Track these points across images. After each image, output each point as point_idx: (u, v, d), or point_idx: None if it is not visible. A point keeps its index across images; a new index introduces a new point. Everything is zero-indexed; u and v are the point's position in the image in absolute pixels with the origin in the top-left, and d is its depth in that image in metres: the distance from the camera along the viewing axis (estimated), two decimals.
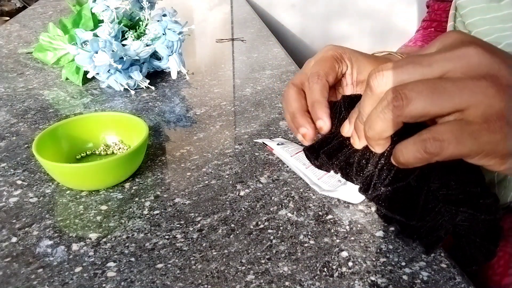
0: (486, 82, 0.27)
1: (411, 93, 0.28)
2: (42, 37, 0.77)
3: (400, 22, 1.67)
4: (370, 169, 0.36)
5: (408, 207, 0.35)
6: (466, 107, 0.27)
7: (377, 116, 0.30)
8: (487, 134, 0.27)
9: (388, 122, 0.29)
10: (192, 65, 0.84)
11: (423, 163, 0.29)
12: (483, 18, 0.50)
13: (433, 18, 0.72)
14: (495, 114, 0.27)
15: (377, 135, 0.31)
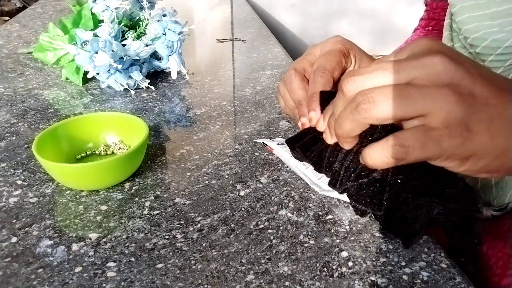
0: (448, 90, 0.29)
1: (378, 97, 0.30)
2: (42, 37, 0.77)
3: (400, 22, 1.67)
4: (337, 166, 0.38)
5: (374, 199, 0.36)
6: (429, 113, 0.29)
7: (346, 116, 0.32)
8: (448, 139, 0.29)
9: (355, 122, 0.32)
10: (192, 65, 0.84)
11: (390, 166, 0.32)
12: (472, 15, 0.50)
13: (431, 16, 0.72)
14: (455, 120, 0.29)
15: (345, 134, 0.33)
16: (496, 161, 0.30)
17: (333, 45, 0.45)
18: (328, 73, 0.42)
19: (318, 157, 0.41)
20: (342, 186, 0.38)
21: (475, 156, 0.30)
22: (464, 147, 0.29)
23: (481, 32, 0.49)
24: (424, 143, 0.29)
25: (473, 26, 0.50)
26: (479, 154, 0.30)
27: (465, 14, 0.51)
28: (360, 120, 0.31)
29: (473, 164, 0.30)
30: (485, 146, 0.29)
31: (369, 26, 1.68)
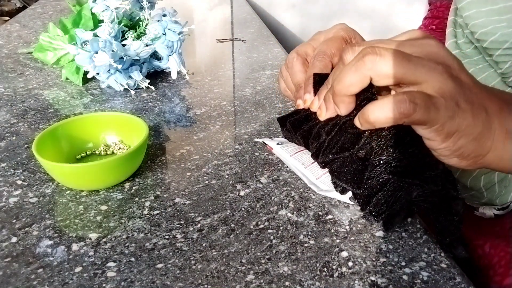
0: (442, 67, 0.31)
1: (385, 52, 0.31)
2: (42, 37, 0.77)
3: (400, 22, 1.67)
4: (323, 137, 0.39)
5: (355, 177, 0.37)
6: (424, 81, 0.31)
7: (349, 68, 0.33)
8: (444, 108, 0.31)
9: (357, 73, 0.32)
10: (192, 65, 0.84)
11: (389, 124, 0.32)
12: (480, 10, 0.50)
13: (435, 15, 0.72)
14: (449, 93, 0.31)
15: (344, 88, 0.33)
16: (472, 144, 0.32)
17: (336, 32, 0.46)
18: (327, 57, 0.43)
19: (307, 133, 0.42)
20: (325, 157, 0.39)
21: (458, 133, 0.32)
22: (453, 120, 0.31)
23: (489, 27, 0.49)
24: (428, 106, 0.30)
25: (481, 21, 0.50)
26: (461, 131, 0.32)
27: (473, 9, 0.51)
28: (363, 71, 0.32)
29: (453, 142, 0.32)
30: (468, 124, 0.32)
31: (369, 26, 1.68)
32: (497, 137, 0.33)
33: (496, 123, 0.33)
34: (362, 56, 0.32)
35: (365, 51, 0.32)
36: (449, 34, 0.58)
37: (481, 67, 0.53)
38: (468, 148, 0.33)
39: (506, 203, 0.55)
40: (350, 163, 0.37)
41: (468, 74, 0.33)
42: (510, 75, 0.50)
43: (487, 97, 0.33)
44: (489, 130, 0.33)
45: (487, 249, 0.52)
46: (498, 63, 0.50)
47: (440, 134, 0.32)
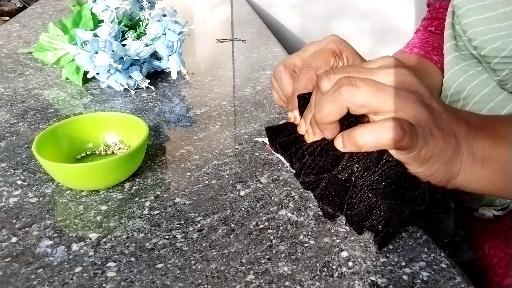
0: (415, 96, 0.33)
1: (360, 83, 0.32)
2: (42, 37, 0.77)
3: (400, 22, 1.67)
4: (306, 157, 0.40)
5: (335, 198, 0.38)
6: (399, 110, 0.32)
7: (327, 99, 0.34)
8: (421, 135, 0.32)
9: (335, 104, 0.33)
10: (192, 65, 0.84)
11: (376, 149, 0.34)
12: (479, 18, 0.50)
13: (434, 16, 0.72)
14: (423, 121, 0.33)
15: (324, 118, 0.35)
16: (443, 168, 0.34)
17: (326, 44, 0.46)
18: (311, 70, 0.44)
19: (293, 154, 0.43)
20: (307, 177, 0.40)
21: (432, 158, 0.34)
22: (428, 146, 0.33)
23: (490, 36, 0.49)
24: (412, 132, 0.32)
25: (481, 29, 0.50)
26: (434, 157, 0.33)
27: (472, 16, 0.51)
28: (340, 102, 0.33)
29: (428, 167, 0.34)
30: (440, 150, 0.33)
31: (369, 26, 1.67)
32: (465, 161, 0.35)
33: (464, 147, 0.35)
34: (339, 87, 0.33)
35: (341, 81, 0.33)
36: (448, 36, 0.57)
37: (480, 70, 0.53)
38: (441, 172, 0.34)
39: (505, 204, 0.55)
40: (331, 185, 0.38)
41: (439, 101, 0.35)
42: (508, 82, 0.50)
43: (455, 122, 0.35)
44: (458, 154, 0.35)
45: (486, 249, 0.52)
46: (496, 70, 0.50)
47: (417, 160, 0.33)
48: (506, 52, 0.48)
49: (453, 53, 0.56)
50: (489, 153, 0.35)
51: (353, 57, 0.46)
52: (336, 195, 0.38)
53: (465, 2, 0.52)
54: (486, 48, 0.50)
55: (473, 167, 0.35)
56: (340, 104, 0.33)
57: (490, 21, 0.49)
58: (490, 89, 0.52)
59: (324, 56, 0.44)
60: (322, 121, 0.35)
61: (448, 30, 0.58)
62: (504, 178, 0.35)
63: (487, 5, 0.49)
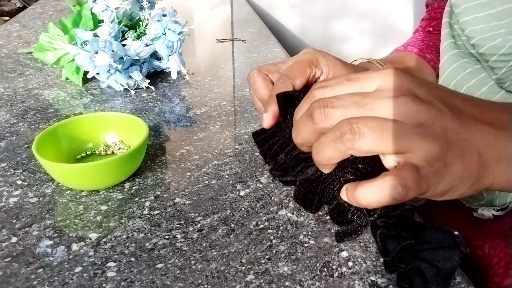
0: (424, 129, 0.30)
1: (364, 129, 0.30)
2: (42, 37, 0.77)
3: (400, 22, 1.67)
4: (281, 157, 0.40)
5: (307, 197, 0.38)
6: (409, 151, 0.30)
7: (328, 144, 0.31)
8: (433, 176, 0.30)
9: (337, 152, 0.31)
10: (192, 65, 0.84)
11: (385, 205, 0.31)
12: (477, 16, 0.50)
13: (432, 16, 0.72)
14: (434, 157, 0.30)
15: (324, 161, 0.33)
16: (471, 189, 0.32)
17: (301, 56, 0.46)
18: (288, 80, 0.43)
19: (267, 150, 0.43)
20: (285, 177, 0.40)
21: (453, 189, 0.31)
22: (445, 182, 0.30)
23: (489, 34, 0.49)
24: (418, 182, 0.29)
25: (479, 28, 0.50)
26: (456, 186, 0.31)
27: (470, 15, 0.51)
28: (342, 150, 0.31)
29: (450, 195, 0.32)
30: (460, 178, 0.31)
31: (369, 26, 1.67)
32: (497, 172, 0.32)
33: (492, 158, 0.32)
34: (341, 136, 0.30)
35: (343, 128, 0.30)
36: (446, 35, 0.57)
37: (479, 68, 0.53)
38: (468, 193, 0.32)
39: (505, 204, 0.55)
40: (302, 184, 0.39)
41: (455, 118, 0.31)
42: (506, 80, 0.50)
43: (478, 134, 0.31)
44: (486, 170, 0.32)
45: (486, 250, 0.52)
46: (494, 68, 0.50)
47: (435, 196, 0.31)
48: (504, 50, 0.48)
49: (451, 51, 0.56)
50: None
51: (333, 62, 0.45)
52: (307, 193, 0.38)
53: (463, 1, 0.52)
54: (484, 46, 0.50)
55: (509, 174, 0.32)
56: (342, 152, 0.31)
57: (489, 19, 0.49)
58: (488, 88, 0.52)
59: (300, 67, 0.44)
60: (323, 163, 0.34)
61: (445, 29, 0.58)
62: None
63: (485, 3, 0.49)
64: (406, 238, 0.33)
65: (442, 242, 0.32)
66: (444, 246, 0.32)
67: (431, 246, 0.32)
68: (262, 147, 0.44)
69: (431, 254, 0.32)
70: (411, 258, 0.32)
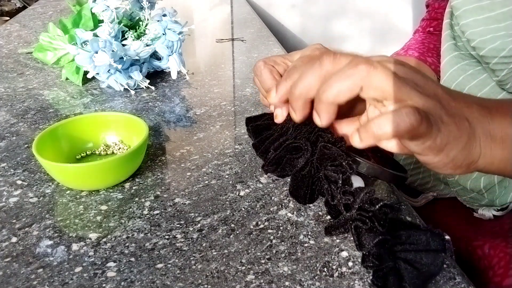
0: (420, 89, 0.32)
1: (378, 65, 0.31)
2: (42, 37, 0.77)
3: (400, 22, 1.67)
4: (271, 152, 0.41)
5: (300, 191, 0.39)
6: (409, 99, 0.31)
7: (340, 75, 0.32)
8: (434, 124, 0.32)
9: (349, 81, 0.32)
10: (192, 65, 0.84)
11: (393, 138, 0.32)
12: (477, 19, 0.50)
13: (433, 16, 0.72)
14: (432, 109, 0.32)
15: (331, 96, 0.33)
16: (462, 154, 0.33)
17: (312, 50, 0.46)
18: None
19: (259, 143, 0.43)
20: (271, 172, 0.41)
21: (448, 146, 0.32)
22: (442, 135, 0.32)
23: (488, 36, 0.49)
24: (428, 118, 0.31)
25: (479, 30, 0.50)
26: (450, 144, 0.32)
27: (470, 17, 0.51)
28: (355, 79, 0.31)
29: (446, 154, 0.33)
30: (455, 136, 0.32)
31: (369, 26, 1.68)
32: (484, 144, 0.34)
33: (479, 130, 0.34)
34: (356, 65, 0.31)
35: (358, 60, 0.32)
36: (446, 36, 0.57)
37: (480, 69, 0.53)
38: (460, 158, 0.33)
39: (505, 204, 0.55)
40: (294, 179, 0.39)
41: (445, 89, 0.34)
42: (507, 82, 0.50)
43: (466, 107, 0.34)
44: (474, 138, 0.34)
45: (486, 250, 0.52)
46: (495, 71, 0.50)
47: (433, 149, 0.32)
48: (505, 52, 0.48)
49: (452, 53, 0.56)
50: (508, 132, 0.34)
51: None
52: (300, 188, 0.39)
53: (463, 3, 0.52)
54: (485, 48, 0.50)
55: (493, 149, 0.34)
56: (354, 82, 0.32)
57: (488, 21, 0.49)
58: (489, 89, 0.53)
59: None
60: (329, 99, 0.33)
61: (446, 30, 0.58)
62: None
63: (484, 6, 0.49)
64: (381, 233, 0.33)
65: (429, 245, 0.33)
66: (429, 249, 0.33)
67: (415, 247, 0.33)
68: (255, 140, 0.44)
69: (414, 256, 0.32)
70: (390, 257, 0.32)
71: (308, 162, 0.39)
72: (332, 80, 0.32)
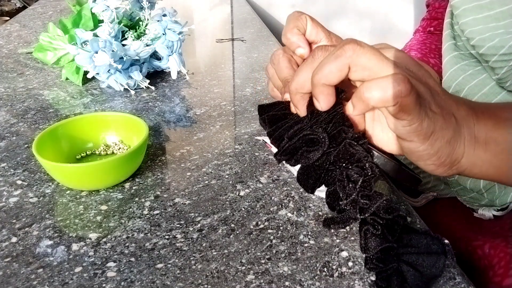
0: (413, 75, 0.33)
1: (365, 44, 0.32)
2: (42, 37, 0.77)
3: (400, 22, 1.67)
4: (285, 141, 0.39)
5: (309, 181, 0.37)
6: None
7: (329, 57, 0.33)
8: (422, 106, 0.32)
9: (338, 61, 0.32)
10: (192, 65, 0.84)
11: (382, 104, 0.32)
12: (476, 17, 0.50)
13: (433, 16, 0.72)
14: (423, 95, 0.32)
15: (323, 77, 0.33)
16: (446, 148, 0.33)
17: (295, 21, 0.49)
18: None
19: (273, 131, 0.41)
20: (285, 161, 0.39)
21: (434, 134, 0.32)
22: (429, 120, 0.32)
23: (487, 34, 0.49)
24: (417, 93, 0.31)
25: (478, 28, 0.50)
26: (436, 133, 0.32)
27: (469, 16, 0.51)
28: (343, 59, 0.32)
29: (431, 144, 0.33)
30: (441, 126, 0.32)
31: (369, 26, 1.68)
32: (467, 143, 0.34)
33: (464, 129, 0.34)
34: (343, 45, 0.32)
35: (346, 41, 0.32)
36: (447, 36, 0.57)
37: (479, 69, 0.53)
38: (444, 152, 0.33)
39: (505, 204, 0.55)
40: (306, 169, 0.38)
41: (435, 81, 0.34)
42: (507, 80, 0.50)
43: (454, 104, 0.34)
44: (460, 136, 0.34)
45: (486, 250, 0.52)
46: (495, 68, 0.50)
47: (420, 134, 0.32)
48: (504, 50, 0.48)
49: (452, 53, 0.56)
50: (491, 136, 0.34)
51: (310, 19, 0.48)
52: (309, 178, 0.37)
53: (463, 2, 0.52)
54: (484, 46, 0.50)
55: (476, 150, 0.34)
56: (342, 62, 0.32)
57: (487, 20, 0.49)
58: (489, 89, 0.53)
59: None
60: (321, 81, 0.34)
61: (447, 30, 0.58)
62: (507, 161, 0.34)
63: (484, 5, 0.50)
64: (389, 241, 0.33)
65: (430, 249, 0.33)
66: (430, 252, 0.32)
67: (416, 250, 0.32)
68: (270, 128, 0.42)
69: (416, 258, 0.32)
70: (392, 259, 0.32)
71: (324, 154, 0.37)
72: (322, 63, 0.33)
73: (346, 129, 0.37)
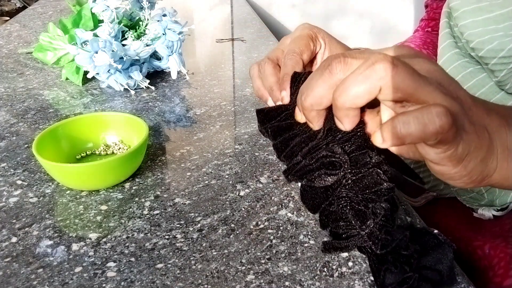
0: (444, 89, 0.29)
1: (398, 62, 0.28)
2: (42, 37, 0.77)
3: (399, 22, 1.67)
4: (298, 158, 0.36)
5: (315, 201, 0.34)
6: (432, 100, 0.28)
7: (356, 77, 0.28)
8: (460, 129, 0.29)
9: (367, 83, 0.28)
10: (192, 65, 0.84)
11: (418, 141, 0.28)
12: (476, 20, 0.50)
13: (431, 16, 0.72)
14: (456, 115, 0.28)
15: (349, 101, 0.29)
16: (480, 166, 0.31)
17: (301, 31, 0.44)
18: (297, 55, 0.41)
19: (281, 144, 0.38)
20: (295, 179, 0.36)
21: (468, 156, 0.30)
22: (464, 143, 0.29)
23: (486, 37, 0.49)
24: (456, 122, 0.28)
25: (478, 31, 0.50)
26: (470, 154, 0.30)
27: (469, 19, 0.51)
28: (373, 80, 0.28)
29: (464, 166, 0.30)
30: (475, 146, 0.30)
31: (369, 26, 1.68)
32: (500, 156, 0.32)
33: (497, 141, 0.31)
34: (373, 63, 0.27)
35: (375, 57, 0.28)
36: (445, 35, 0.57)
37: (479, 68, 0.53)
38: (477, 171, 0.31)
39: (505, 204, 0.55)
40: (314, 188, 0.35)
41: (466, 92, 0.31)
42: (507, 82, 0.50)
43: (486, 114, 0.31)
44: (493, 151, 0.31)
45: (486, 250, 0.52)
46: (494, 71, 0.50)
47: (453, 159, 0.29)
48: (504, 53, 0.48)
49: (452, 50, 0.56)
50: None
51: (328, 38, 0.44)
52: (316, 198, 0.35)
53: (462, 4, 0.52)
54: (483, 49, 0.50)
55: (510, 163, 0.31)
56: (373, 84, 0.27)
57: (487, 23, 0.49)
58: (487, 88, 0.53)
59: (304, 42, 0.42)
60: (346, 104, 0.29)
61: (445, 29, 0.58)
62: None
63: (483, 7, 0.49)
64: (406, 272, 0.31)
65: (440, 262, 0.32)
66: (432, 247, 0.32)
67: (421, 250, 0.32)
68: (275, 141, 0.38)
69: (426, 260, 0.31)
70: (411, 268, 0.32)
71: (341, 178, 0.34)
72: (348, 82, 0.29)
73: (371, 153, 0.34)
